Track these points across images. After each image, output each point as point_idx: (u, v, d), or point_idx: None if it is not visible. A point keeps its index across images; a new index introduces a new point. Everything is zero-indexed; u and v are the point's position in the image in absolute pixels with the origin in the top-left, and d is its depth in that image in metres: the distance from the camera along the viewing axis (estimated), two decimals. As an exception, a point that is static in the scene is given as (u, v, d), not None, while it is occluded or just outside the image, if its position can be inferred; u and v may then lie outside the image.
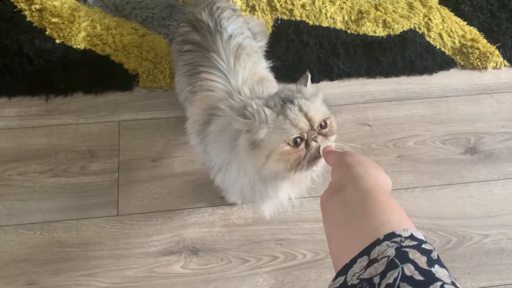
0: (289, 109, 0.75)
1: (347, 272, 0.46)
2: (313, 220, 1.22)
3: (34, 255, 1.12)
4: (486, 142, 1.39)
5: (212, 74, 0.98)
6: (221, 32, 1.03)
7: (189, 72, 1.03)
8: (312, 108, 0.76)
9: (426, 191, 1.29)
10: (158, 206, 1.21)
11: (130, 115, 1.34)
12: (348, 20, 1.58)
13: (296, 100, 0.76)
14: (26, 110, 1.33)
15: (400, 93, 1.47)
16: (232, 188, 0.94)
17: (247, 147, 0.78)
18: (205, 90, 0.97)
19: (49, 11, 1.45)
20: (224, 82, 0.96)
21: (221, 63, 0.99)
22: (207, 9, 1.09)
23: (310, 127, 0.75)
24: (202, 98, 0.97)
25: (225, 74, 0.98)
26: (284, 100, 0.77)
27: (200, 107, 0.97)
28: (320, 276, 1.15)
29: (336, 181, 0.61)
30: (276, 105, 0.76)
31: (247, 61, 1.01)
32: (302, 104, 0.75)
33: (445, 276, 0.40)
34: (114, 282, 1.11)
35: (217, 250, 1.17)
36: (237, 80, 0.96)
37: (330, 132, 0.78)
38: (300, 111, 0.75)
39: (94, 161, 1.26)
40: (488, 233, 1.24)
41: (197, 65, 1.02)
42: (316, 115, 0.76)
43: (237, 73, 0.97)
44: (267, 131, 0.75)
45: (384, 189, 0.55)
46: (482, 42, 1.57)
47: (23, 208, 1.18)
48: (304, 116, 0.74)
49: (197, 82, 1.00)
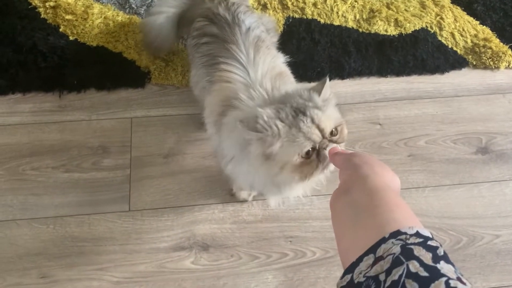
0: (302, 121, 0.74)
1: (353, 270, 0.47)
2: (322, 218, 1.22)
3: (47, 249, 1.14)
4: (498, 142, 1.38)
5: (231, 65, 0.97)
6: (239, 25, 1.03)
7: (207, 63, 1.03)
8: (323, 119, 0.75)
9: (437, 191, 1.29)
10: (169, 202, 1.22)
11: (142, 112, 1.35)
12: (360, 18, 1.57)
13: (309, 111, 0.75)
14: (39, 106, 1.35)
15: (411, 92, 1.46)
16: (242, 180, 0.94)
17: (259, 157, 0.78)
18: (223, 81, 0.96)
19: (63, 8, 1.47)
20: (242, 74, 0.95)
21: (241, 55, 0.98)
22: (223, 4, 1.09)
23: (322, 137, 0.75)
24: (220, 89, 0.96)
25: (244, 66, 0.97)
26: (296, 111, 0.76)
27: (218, 98, 0.96)
28: (330, 273, 1.15)
29: (343, 182, 0.62)
30: (288, 116, 0.75)
31: (267, 54, 1.00)
32: (314, 116, 0.75)
33: (450, 272, 0.41)
34: (125, 276, 1.12)
35: (227, 246, 1.17)
36: (257, 73, 0.95)
37: (340, 140, 0.78)
38: (313, 123, 0.74)
39: (107, 157, 1.27)
40: (499, 233, 1.23)
41: (215, 55, 1.01)
42: (328, 125, 0.75)
43: (257, 65, 0.96)
44: (281, 145, 0.75)
45: (391, 188, 0.56)
46: (495, 42, 1.56)
47: (37, 202, 1.20)
48: (316, 128, 0.74)
49: (216, 73, 0.99)
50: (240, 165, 0.89)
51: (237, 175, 0.93)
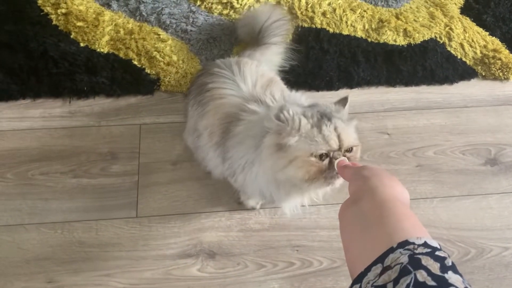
0: (325, 125, 0.77)
1: (362, 280, 0.47)
2: (330, 228, 1.22)
3: (55, 254, 1.14)
4: (507, 153, 1.37)
5: (218, 82, 0.99)
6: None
7: (196, 97, 1.04)
8: (346, 131, 0.78)
9: (445, 202, 1.28)
10: (176, 209, 1.22)
11: (151, 119, 1.35)
12: (369, 28, 1.58)
13: (334, 119, 0.78)
14: (49, 111, 1.36)
15: (420, 102, 1.46)
16: (251, 188, 0.94)
17: (271, 146, 0.79)
18: (216, 99, 0.97)
19: (74, 15, 1.48)
20: (234, 88, 0.97)
21: (225, 72, 1.00)
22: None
23: (338, 148, 0.76)
24: (216, 107, 0.97)
25: (232, 79, 0.98)
26: (322, 115, 0.78)
27: (215, 117, 0.96)
28: (337, 283, 1.15)
29: (352, 193, 0.63)
30: (313, 117, 0.78)
31: (250, 64, 1.03)
32: (338, 125, 0.77)
33: (458, 282, 0.41)
34: (131, 283, 1.12)
35: (234, 254, 1.17)
36: (247, 83, 0.96)
37: (353, 158, 0.80)
38: (335, 131, 0.77)
39: (115, 163, 1.28)
40: (508, 245, 1.22)
41: (202, 85, 1.03)
42: (347, 139, 0.78)
43: (244, 76, 0.98)
44: (298, 139, 0.76)
45: (400, 200, 0.56)
46: (504, 53, 1.55)
47: (45, 207, 1.20)
48: (337, 136, 0.76)
49: (206, 94, 0.99)
50: (250, 170, 0.89)
51: (248, 184, 0.93)
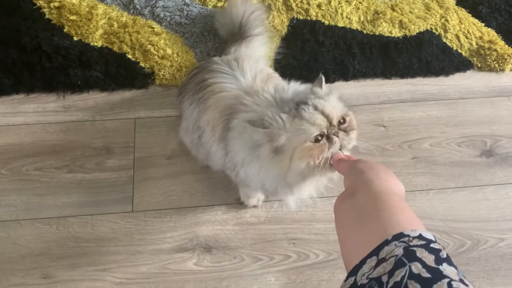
0: (303, 109, 0.76)
1: (357, 273, 0.47)
2: (326, 220, 1.22)
3: (50, 249, 1.14)
4: (503, 145, 1.38)
5: (218, 77, 0.98)
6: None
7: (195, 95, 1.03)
8: (327, 105, 0.77)
9: (441, 194, 1.28)
10: (172, 203, 1.22)
11: (145, 113, 1.35)
12: (364, 20, 1.57)
13: (310, 101, 0.77)
14: (43, 106, 1.35)
15: (416, 94, 1.46)
16: (255, 182, 0.93)
17: (269, 155, 0.79)
18: (217, 93, 0.96)
19: (67, 8, 1.47)
20: (234, 81, 0.96)
21: (224, 68, 0.99)
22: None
23: (329, 124, 0.76)
24: (216, 101, 0.96)
25: (231, 74, 0.98)
26: (298, 103, 0.78)
27: (216, 111, 0.96)
28: (333, 276, 1.15)
29: (348, 186, 0.63)
30: (291, 109, 0.77)
31: (248, 59, 1.02)
32: (316, 103, 0.76)
33: (453, 274, 0.41)
34: (128, 277, 1.12)
35: (230, 248, 1.17)
36: (246, 77, 0.96)
37: (349, 128, 0.79)
38: (316, 110, 0.76)
39: (110, 158, 1.27)
40: (503, 236, 1.23)
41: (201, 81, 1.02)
42: (333, 112, 0.76)
43: (244, 70, 0.97)
44: (287, 136, 0.76)
45: (395, 193, 0.56)
46: (500, 44, 1.55)
47: (40, 202, 1.20)
48: (321, 113, 0.75)
49: (206, 89, 0.99)
50: (250, 165, 0.89)
51: (250, 178, 0.92)
